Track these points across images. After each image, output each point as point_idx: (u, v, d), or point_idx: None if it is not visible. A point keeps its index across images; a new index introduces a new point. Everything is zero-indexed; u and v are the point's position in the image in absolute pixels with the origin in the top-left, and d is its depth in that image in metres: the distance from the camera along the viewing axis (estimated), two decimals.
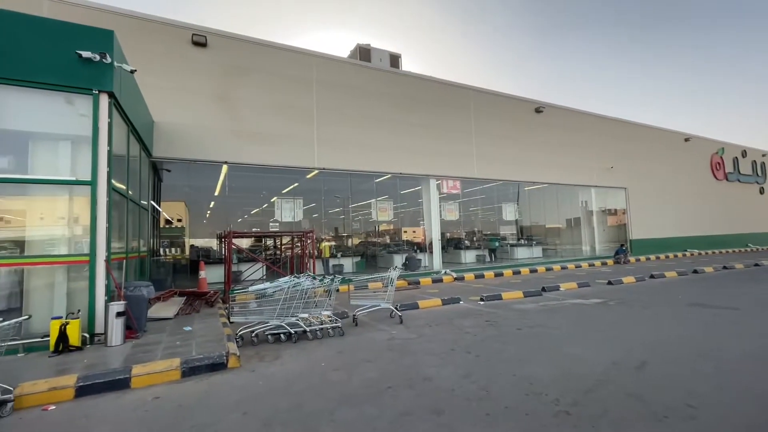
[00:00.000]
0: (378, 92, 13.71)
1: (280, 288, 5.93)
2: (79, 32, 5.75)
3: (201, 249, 17.74)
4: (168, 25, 10.46)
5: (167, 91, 10.03)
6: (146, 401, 3.83)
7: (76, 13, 9.07)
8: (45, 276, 5.70)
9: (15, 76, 5.35)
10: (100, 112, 5.71)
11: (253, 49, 11.68)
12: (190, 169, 11.60)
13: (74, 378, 4.05)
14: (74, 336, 5.05)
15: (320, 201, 14.61)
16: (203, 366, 4.55)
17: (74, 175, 5.72)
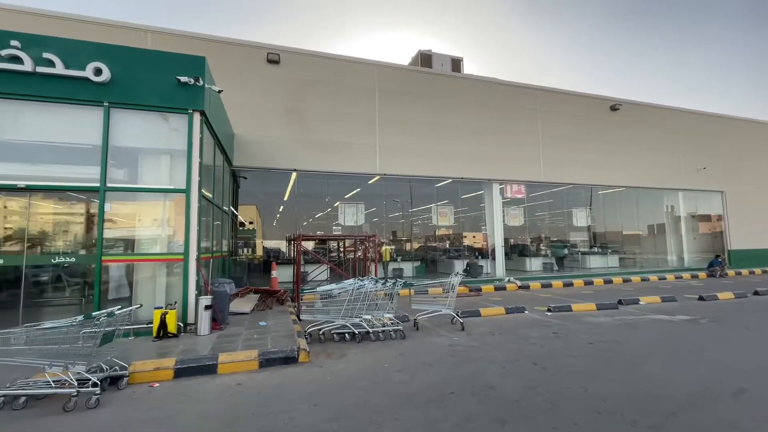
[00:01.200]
0: (439, 97, 13.73)
1: (344, 289, 6.24)
2: (177, 60, 6.62)
3: (271, 250, 19.12)
4: (247, 46, 11.53)
5: (245, 106, 11.03)
6: (231, 386, 4.29)
7: (173, 41, 10.39)
8: (148, 271, 6.62)
9: (128, 100, 6.32)
10: (193, 128, 6.51)
11: (319, 62, 12.39)
12: (263, 177, 12.61)
13: (173, 361, 4.67)
14: (172, 324, 5.80)
15: (381, 205, 14.97)
16: (277, 359, 4.96)
17: (172, 184, 6.57)
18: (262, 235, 17.40)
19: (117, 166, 6.41)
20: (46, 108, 6.06)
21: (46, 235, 9.15)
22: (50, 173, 6.35)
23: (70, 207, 9.49)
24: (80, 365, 3.89)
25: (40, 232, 8.97)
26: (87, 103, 6.12)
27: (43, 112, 6.08)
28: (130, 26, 10.57)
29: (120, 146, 6.41)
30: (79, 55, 6.01)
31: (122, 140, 6.41)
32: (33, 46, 5.82)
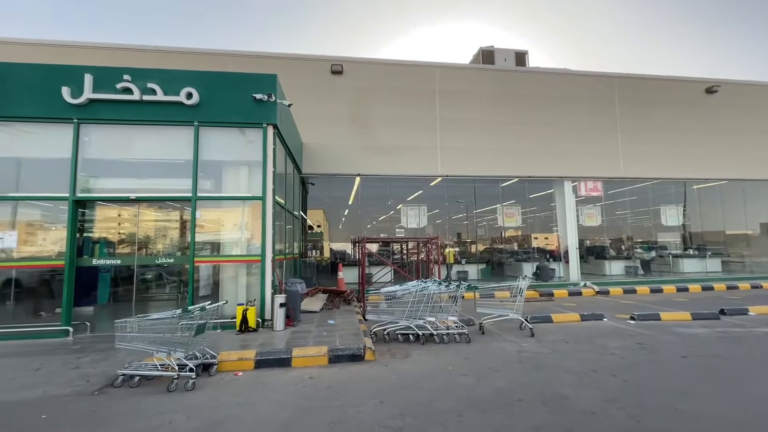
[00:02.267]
0: (502, 94, 13.25)
1: (408, 291, 6.33)
2: (252, 79, 7.29)
3: (337, 252, 19.94)
4: (313, 60, 12.24)
5: (312, 116, 11.70)
6: (304, 379, 4.60)
7: (249, 62, 11.42)
8: (231, 271, 7.34)
9: (213, 119, 7.10)
10: (267, 141, 7.11)
11: (379, 69, 12.70)
12: (329, 182, 13.24)
13: (253, 353, 5.14)
14: (252, 320, 6.38)
15: (443, 207, 14.84)
16: (345, 356, 5.20)
17: (250, 192, 7.23)
18: (328, 237, 18.21)
19: (205, 177, 7.23)
20: (150, 130, 7.06)
21: (149, 239, 10.59)
22: (153, 186, 7.36)
23: (166, 215, 10.90)
24: (180, 352, 4.47)
25: (145, 236, 10.40)
26: (181, 124, 7.01)
27: (147, 134, 7.10)
28: (214, 53, 11.84)
29: (207, 160, 7.22)
30: (175, 83, 6.91)
31: (208, 154, 7.21)
32: (140, 78, 6.83)
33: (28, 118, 6.77)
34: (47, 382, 4.49)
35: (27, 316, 7.38)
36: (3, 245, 6.67)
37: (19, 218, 7.28)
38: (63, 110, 6.68)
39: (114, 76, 6.78)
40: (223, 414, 3.65)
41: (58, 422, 3.56)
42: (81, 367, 4.94)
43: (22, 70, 6.85)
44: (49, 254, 7.25)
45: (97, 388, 4.32)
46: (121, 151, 7.17)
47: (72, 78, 6.69)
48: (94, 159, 7.04)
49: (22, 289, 8.03)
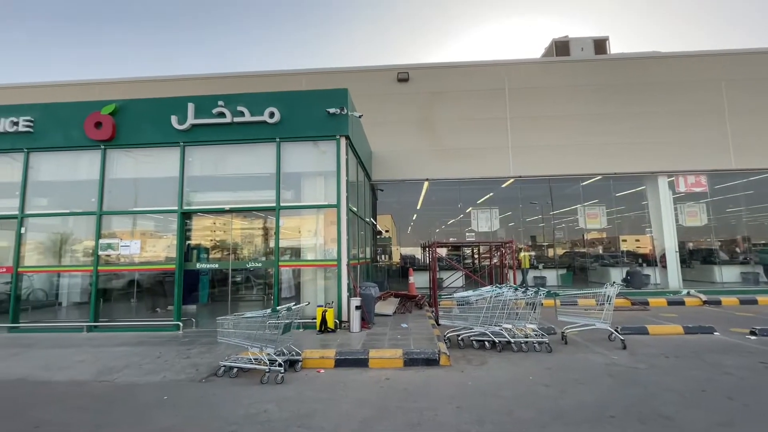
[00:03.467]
0: (579, 86, 12.35)
1: (482, 297, 6.19)
2: (325, 95, 7.77)
3: (407, 256, 20.11)
4: (380, 71, 12.64)
5: (381, 125, 12.06)
6: (381, 380, 4.76)
7: (322, 79, 12.18)
8: (310, 274, 7.85)
9: (292, 134, 7.71)
10: (340, 151, 7.52)
11: (445, 72, 12.65)
12: (398, 187, 13.46)
13: (333, 352, 5.44)
14: (330, 321, 6.76)
15: (517, 209, 14.18)
16: (420, 359, 5.26)
17: (326, 200, 7.69)
18: (397, 242, 18.48)
19: (286, 188, 7.86)
20: (240, 148, 7.91)
21: (238, 245, 11.75)
22: (243, 198, 8.20)
23: (251, 223, 12.02)
24: (270, 348, 4.93)
25: (235, 243, 11.57)
26: (265, 141, 7.74)
27: (238, 152, 7.95)
28: (289, 73, 12.85)
29: (287, 172, 7.84)
30: (259, 104, 7.66)
31: (289, 167, 7.84)
32: (231, 103, 7.70)
33: (145, 144, 8.01)
34: (166, 369, 5.25)
35: (146, 312, 8.68)
36: (129, 251, 7.96)
37: (138, 229, 8.63)
38: (172, 135, 7.80)
39: (210, 102, 7.74)
40: (309, 407, 3.94)
41: (176, 403, 4.15)
42: (191, 357, 5.68)
43: (140, 104, 8.15)
44: (161, 259, 8.48)
45: (204, 377, 4.94)
46: (216, 168, 8.13)
47: (178, 108, 7.79)
48: (195, 176, 8.07)
49: (141, 288, 9.47)
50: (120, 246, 7.82)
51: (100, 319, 7.65)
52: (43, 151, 8.13)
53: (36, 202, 8.28)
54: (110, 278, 8.44)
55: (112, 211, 7.97)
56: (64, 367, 5.47)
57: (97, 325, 7.54)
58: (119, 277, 8.74)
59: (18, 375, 5.22)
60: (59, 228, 8.71)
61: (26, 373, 5.28)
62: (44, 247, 8.56)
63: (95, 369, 5.35)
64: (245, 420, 3.68)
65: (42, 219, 8.32)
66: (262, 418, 3.71)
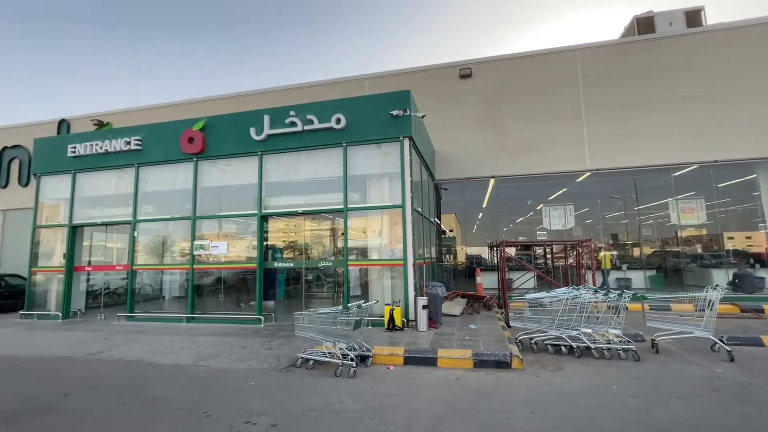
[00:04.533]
0: (668, 65, 11.03)
1: (557, 299, 5.85)
2: (388, 98, 7.93)
3: (473, 256, 19.60)
4: (441, 69, 12.53)
5: (444, 123, 11.95)
6: (450, 379, 4.74)
7: (384, 82, 12.42)
8: (377, 273, 8.06)
9: (358, 138, 8.00)
10: (404, 152, 7.62)
11: (512, 64, 12.13)
12: (462, 186, 13.20)
13: (402, 350, 5.55)
14: (398, 319, 6.88)
15: (595, 205, 13.07)
16: (490, 361, 5.14)
17: (391, 201, 7.84)
18: (462, 241, 18.13)
19: (352, 190, 8.17)
20: (309, 154, 8.40)
21: (308, 246, 12.45)
22: (314, 201, 8.70)
23: (319, 224, 12.65)
24: (342, 343, 5.18)
25: (306, 243, 12.28)
26: (332, 146, 8.13)
27: (307, 158, 8.45)
28: (352, 79, 13.31)
29: (353, 175, 8.15)
30: (327, 112, 8.08)
31: (355, 170, 8.14)
32: (301, 112, 8.22)
33: (228, 155, 8.88)
34: (252, 358, 5.78)
35: (231, 306, 9.61)
36: (218, 252, 8.88)
37: (222, 231, 9.60)
38: (251, 146, 8.55)
39: (283, 113, 8.34)
40: (381, 401, 4.08)
41: (262, 389, 4.56)
42: (272, 348, 6.19)
43: (224, 119, 9.06)
44: (242, 259, 9.33)
45: (284, 366, 5.35)
46: (290, 174, 8.72)
47: (256, 120, 8.52)
48: (271, 182, 8.75)
49: (226, 285, 10.50)
50: (210, 247, 8.77)
51: (195, 311, 8.65)
52: (149, 165, 9.43)
53: (144, 209, 9.62)
54: (202, 276, 9.49)
55: (203, 216, 8.96)
56: (169, 352, 6.30)
57: (193, 317, 8.54)
58: (208, 274, 9.80)
59: (135, 357, 6.13)
60: (160, 231, 10.02)
61: (141, 355, 6.18)
62: (149, 248, 9.91)
63: (194, 355, 6.08)
64: (323, 408, 3.92)
65: (148, 223, 9.65)
66: (337, 408, 3.92)
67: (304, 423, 3.62)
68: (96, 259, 10.84)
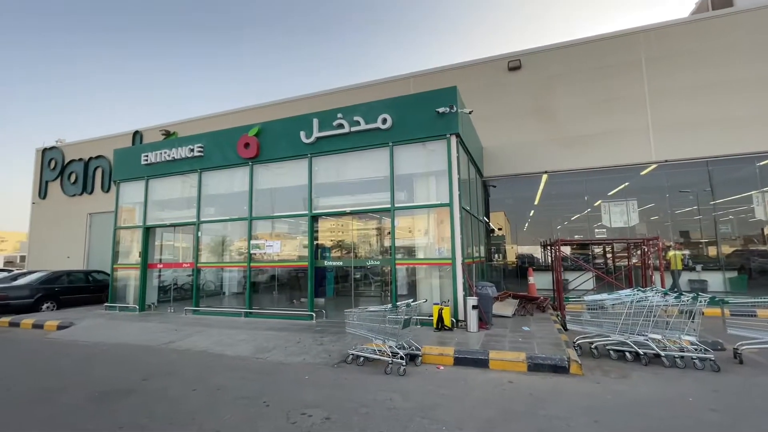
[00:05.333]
0: (747, 42, 9.83)
1: (620, 301, 5.46)
2: (434, 95, 7.85)
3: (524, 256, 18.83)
4: (488, 62, 12.17)
5: (491, 118, 11.61)
6: (503, 382, 4.61)
7: (428, 79, 12.32)
8: (424, 272, 8.02)
9: (403, 138, 8.00)
10: (451, 150, 7.51)
11: (565, 53, 11.48)
12: (512, 183, 12.73)
13: (452, 350, 5.48)
14: (447, 319, 6.81)
15: (662, 200, 12.00)
16: (546, 365, 4.91)
17: (438, 200, 7.76)
18: (511, 240, 17.51)
19: (399, 189, 8.19)
20: (356, 155, 8.54)
21: (355, 244, 12.68)
22: (361, 200, 8.84)
23: (365, 224, 12.82)
24: (392, 341, 5.22)
25: (353, 242, 12.52)
26: (379, 146, 8.20)
27: (354, 158, 8.60)
28: (396, 78, 13.33)
29: (400, 174, 8.16)
30: (373, 112, 8.17)
31: (401, 169, 8.15)
32: (348, 114, 8.39)
33: (280, 158, 9.29)
34: (305, 353, 6.02)
35: (284, 302, 10.04)
36: (272, 251, 9.34)
37: (275, 231, 10.07)
38: (301, 149, 8.88)
39: (331, 116, 8.57)
40: (432, 401, 4.06)
41: (316, 382, 4.73)
42: (324, 344, 6.39)
43: (276, 125, 9.49)
44: (292, 257, 9.72)
45: (336, 362, 5.51)
46: (338, 175, 8.93)
47: (305, 124, 8.83)
48: (320, 183, 9.02)
49: (279, 282, 11.01)
50: (266, 246, 9.24)
51: (252, 307, 9.16)
52: (210, 170, 10.13)
53: (206, 211, 10.36)
54: (257, 273, 10.02)
55: (258, 217, 9.47)
56: (230, 344, 6.74)
57: (251, 312, 9.05)
58: (263, 272, 10.32)
59: (201, 348, 6.64)
60: (220, 231, 10.73)
61: (206, 347, 6.67)
62: (210, 247, 10.66)
63: (253, 348, 6.45)
64: (374, 405, 3.98)
65: (209, 224, 10.37)
66: (388, 405, 3.97)
67: (357, 418, 3.70)
68: (165, 257, 11.87)
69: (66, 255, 17.53)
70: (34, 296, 10.99)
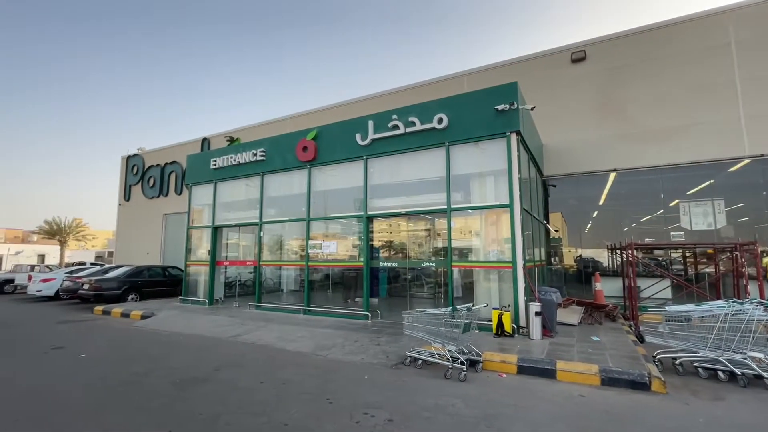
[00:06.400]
0: None
1: (710, 313, 4.88)
2: (492, 92, 7.58)
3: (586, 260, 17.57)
4: (549, 55, 11.54)
5: (552, 114, 10.98)
6: (573, 395, 4.31)
7: (483, 76, 11.95)
8: (481, 275, 7.77)
9: (460, 137, 7.82)
10: (511, 148, 7.20)
11: (637, 40, 10.55)
12: (574, 182, 11.94)
13: (515, 358, 5.24)
14: (507, 325, 6.53)
15: (756, 199, 10.58)
16: (623, 380, 4.52)
17: (496, 200, 7.48)
18: (567, 243, 16.46)
19: (455, 190, 8.02)
20: (411, 155, 8.50)
21: (407, 245, 12.63)
22: (416, 201, 8.78)
23: (414, 224, 12.70)
24: (452, 345, 5.11)
25: (404, 243, 12.48)
26: (434, 146, 8.10)
27: (409, 159, 8.57)
28: (449, 77, 13.10)
29: (456, 174, 7.98)
30: (428, 112, 8.09)
31: (457, 169, 7.96)
32: (403, 115, 8.39)
33: (337, 161, 9.52)
34: (362, 352, 6.09)
35: (338, 301, 10.27)
36: (328, 251, 9.60)
37: (329, 231, 10.33)
38: (356, 151, 9.03)
39: (386, 118, 8.62)
40: (497, 410, 3.90)
41: (375, 383, 4.76)
42: (381, 344, 6.43)
43: (333, 128, 9.74)
44: (345, 258, 9.90)
45: (394, 363, 5.51)
46: (392, 176, 8.95)
47: (361, 126, 8.97)
48: (375, 184, 9.10)
49: (333, 281, 11.28)
50: (322, 246, 9.52)
51: (310, 304, 9.48)
52: (271, 174, 10.66)
53: (267, 212, 10.91)
54: (312, 272, 10.35)
55: (316, 218, 9.78)
56: (291, 340, 7.01)
57: (309, 309, 9.37)
58: (317, 271, 10.64)
59: (265, 342, 6.98)
60: (278, 231, 11.23)
61: (270, 341, 7.01)
62: (269, 246, 11.19)
63: (312, 344, 6.66)
64: (436, 409, 3.91)
65: (269, 225, 10.90)
66: (451, 411, 3.88)
67: (419, 422, 3.65)
68: (230, 255, 12.68)
69: (146, 251, 19.42)
70: (122, 288, 12.29)
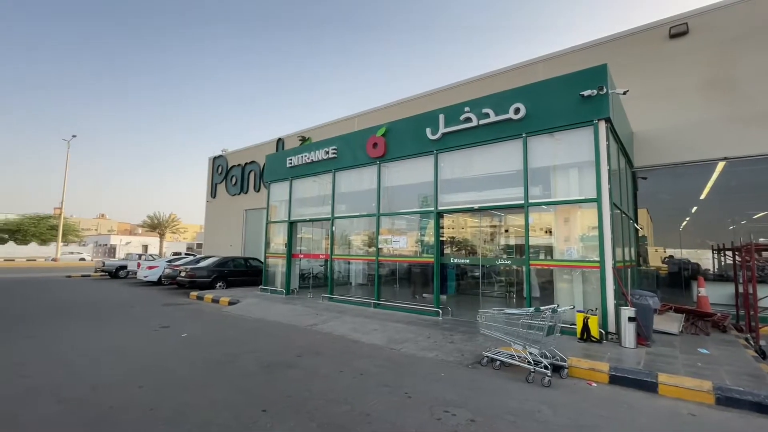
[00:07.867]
0: None
1: None
2: (577, 77, 6.98)
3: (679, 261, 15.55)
4: (642, 32, 10.32)
5: (645, 98, 9.83)
6: (681, 413, 3.83)
7: (557, 62, 11.08)
8: (562, 275, 7.24)
9: (539, 127, 7.34)
10: (599, 137, 6.58)
11: (748, 7, 8.98)
12: (669, 174, 10.57)
13: (607, 366, 4.80)
14: (594, 329, 6.02)
15: None
16: (744, 401, 3.91)
17: (581, 195, 6.90)
18: (653, 242, 14.71)
19: (533, 184, 7.56)
20: (484, 149, 8.19)
21: (474, 242, 12.24)
22: (489, 196, 8.45)
23: (480, 220, 12.23)
24: (534, 348, 4.84)
25: (471, 239, 12.11)
26: (509, 138, 7.71)
27: (482, 152, 8.26)
28: (522, 65, 12.37)
29: (534, 167, 7.52)
30: (504, 103, 7.72)
31: (536, 161, 7.50)
32: (476, 107, 8.11)
33: (407, 156, 9.51)
34: (436, 349, 6.04)
35: (406, 296, 10.29)
36: (398, 246, 9.67)
37: (395, 227, 10.37)
38: (427, 145, 8.94)
39: (458, 111, 8.40)
40: (590, 421, 3.61)
41: (452, 381, 4.68)
42: (455, 342, 6.32)
43: (402, 124, 9.75)
44: (411, 253, 9.87)
45: (470, 363, 5.37)
46: (464, 170, 8.71)
47: (431, 120, 8.86)
48: (445, 179, 8.93)
49: (400, 276, 11.33)
50: (392, 241, 9.62)
51: (380, 298, 9.65)
52: (342, 170, 11.01)
53: (338, 207, 11.30)
54: (380, 267, 10.52)
55: (386, 213, 9.90)
56: (365, 332, 7.20)
57: (379, 303, 9.54)
58: (384, 266, 10.77)
59: (340, 333, 7.25)
60: (347, 226, 11.57)
61: (344, 332, 7.26)
62: (338, 241, 11.58)
63: (385, 338, 6.77)
64: (521, 413, 3.73)
65: (339, 219, 11.28)
66: (537, 417, 3.67)
67: (504, 425, 3.51)
68: (303, 248, 13.41)
69: (229, 244, 21.34)
70: (211, 276, 13.66)
